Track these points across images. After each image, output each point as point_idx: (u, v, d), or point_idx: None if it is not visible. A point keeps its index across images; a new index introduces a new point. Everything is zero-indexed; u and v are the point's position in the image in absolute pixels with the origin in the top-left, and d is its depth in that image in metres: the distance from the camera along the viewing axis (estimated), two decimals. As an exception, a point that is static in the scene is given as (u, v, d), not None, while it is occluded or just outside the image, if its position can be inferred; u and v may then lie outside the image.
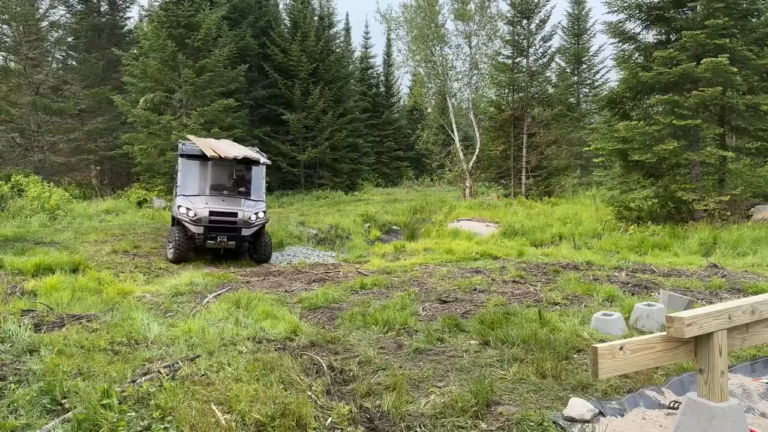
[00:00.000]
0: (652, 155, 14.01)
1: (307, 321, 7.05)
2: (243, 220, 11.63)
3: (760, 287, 7.91)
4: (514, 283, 8.79)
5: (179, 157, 12.24)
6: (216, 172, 12.55)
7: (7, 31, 25.55)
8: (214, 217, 11.48)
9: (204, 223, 11.39)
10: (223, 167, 12.63)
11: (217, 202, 11.86)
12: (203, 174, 12.36)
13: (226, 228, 11.55)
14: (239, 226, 11.64)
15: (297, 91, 30.90)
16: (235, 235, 11.65)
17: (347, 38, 45.08)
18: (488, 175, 29.04)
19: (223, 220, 11.53)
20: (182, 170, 12.10)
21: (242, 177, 12.81)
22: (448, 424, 3.92)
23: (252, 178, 12.78)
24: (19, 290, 8.14)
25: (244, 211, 11.73)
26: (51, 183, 19.90)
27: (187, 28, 23.56)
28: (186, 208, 11.48)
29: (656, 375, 4.74)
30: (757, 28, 14.59)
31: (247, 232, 11.72)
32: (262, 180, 12.87)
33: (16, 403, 4.08)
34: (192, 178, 12.19)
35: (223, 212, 11.59)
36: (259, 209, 12.01)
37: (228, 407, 3.99)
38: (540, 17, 26.53)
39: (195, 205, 11.53)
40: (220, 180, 12.64)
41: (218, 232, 11.51)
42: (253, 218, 11.74)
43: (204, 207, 11.53)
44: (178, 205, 11.57)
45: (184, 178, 12.06)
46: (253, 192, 12.65)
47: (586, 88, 35.02)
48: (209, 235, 11.47)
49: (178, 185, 11.98)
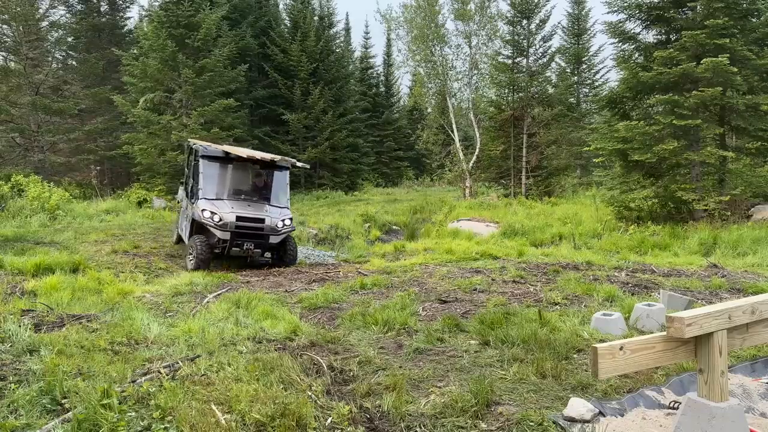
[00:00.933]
0: (652, 155, 14.01)
1: (307, 321, 7.04)
2: (270, 226, 11.02)
3: (760, 287, 7.91)
4: (514, 283, 8.79)
5: (200, 158, 11.41)
6: (238, 176, 11.94)
7: (7, 31, 25.55)
8: (241, 222, 10.76)
9: (230, 229, 10.67)
10: (245, 171, 12.06)
11: (243, 206, 11.16)
12: (225, 177, 11.72)
13: (252, 234, 10.89)
14: (266, 233, 11.01)
15: (297, 91, 30.91)
16: (261, 242, 11.01)
17: (347, 38, 45.10)
18: (488, 175, 29.04)
19: (250, 226, 10.85)
20: (203, 172, 11.29)
21: (264, 182, 12.18)
22: (448, 424, 3.92)
23: (275, 183, 12.16)
24: (19, 290, 8.14)
25: (271, 218, 11.13)
26: (51, 183, 19.90)
27: (187, 28, 23.56)
28: (210, 212, 10.73)
29: (656, 375, 4.73)
30: (757, 28, 14.59)
31: (274, 240, 11.11)
32: (287, 186, 12.22)
33: (16, 403, 4.08)
34: (213, 181, 11.47)
35: (250, 218, 10.91)
36: (285, 216, 11.40)
37: (228, 407, 3.99)
38: (540, 17, 26.55)
39: (220, 209, 10.81)
40: (242, 184, 11.99)
41: (244, 239, 10.83)
42: (279, 225, 11.15)
43: (230, 211, 10.81)
44: (202, 209, 10.78)
45: (205, 180, 11.26)
46: (277, 198, 12.00)
47: (586, 88, 35.01)
48: (235, 241, 10.76)
49: (200, 188, 11.17)
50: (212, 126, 23.72)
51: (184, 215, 12.32)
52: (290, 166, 12.17)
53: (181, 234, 12.44)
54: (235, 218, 10.70)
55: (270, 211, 11.34)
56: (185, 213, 12.18)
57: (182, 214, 12.56)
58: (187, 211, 11.89)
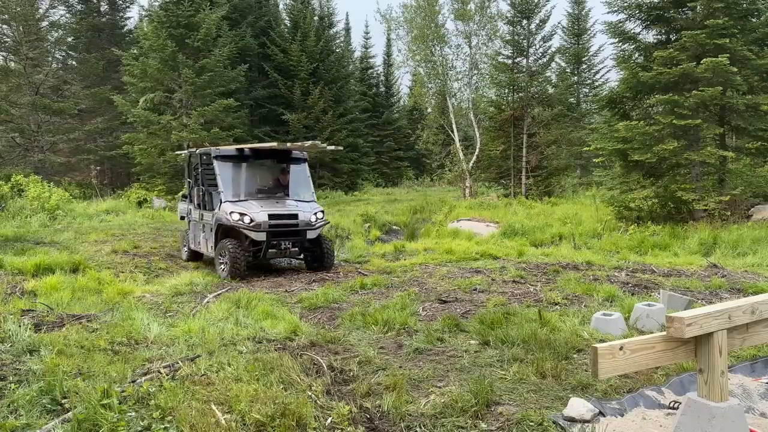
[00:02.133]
0: (652, 155, 14.00)
1: (307, 321, 7.05)
2: (305, 221, 10.30)
3: (760, 287, 7.91)
4: (514, 283, 8.79)
5: (214, 160, 10.62)
6: (256, 173, 11.37)
7: (7, 31, 25.57)
8: (274, 221, 10.04)
9: (264, 229, 9.92)
10: (263, 167, 11.45)
11: (271, 204, 10.43)
12: (243, 176, 11.09)
13: (288, 232, 10.19)
14: (302, 229, 10.27)
15: (297, 91, 30.92)
16: (299, 239, 10.33)
17: (347, 38, 45.12)
18: (488, 175, 29.04)
19: (285, 223, 10.16)
20: (220, 174, 10.48)
21: (284, 177, 11.54)
22: (448, 424, 3.92)
23: (296, 177, 11.54)
24: (19, 290, 8.14)
25: (304, 212, 10.42)
26: (51, 183, 19.90)
27: (187, 28, 23.56)
28: (239, 214, 9.92)
29: (656, 375, 4.73)
30: (757, 28, 14.59)
31: (311, 235, 10.40)
32: (308, 178, 11.61)
33: (16, 403, 4.08)
34: (233, 182, 10.79)
35: (283, 214, 10.22)
36: (316, 209, 10.70)
37: (228, 407, 3.99)
38: (540, 17, 26.54)
39: (249, 209, 10.03)
40: (263, 181, 11.43)
41: (281, 238, 10.14)
42: (313, 220, 10.42)
43: (260, 210, 10.02)
44: (230, 212, 9.98)
45: (224, 182, 10.46)
46: (301, 192, 11.34)
47: (586, 88, 35.02)
48: (271, 242, 10.06)
49: (221, 191, 10.32)
50: (212, 126, 23.72)
51: (197, 228, 11.40)
52: (307, 158, 11.61)
53: (197, 248, 11.58)
54: (268, 217, 9.98)
55: (300, 206, 10.69)
56: (198, 225, 11.32)
57: (194, 227, 11.63)
58: (201, 222, 11.11)
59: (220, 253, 10.12)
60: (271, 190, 11.28)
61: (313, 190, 11.53)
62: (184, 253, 12.17)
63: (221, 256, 10.08)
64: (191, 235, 11.76)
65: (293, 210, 10.42)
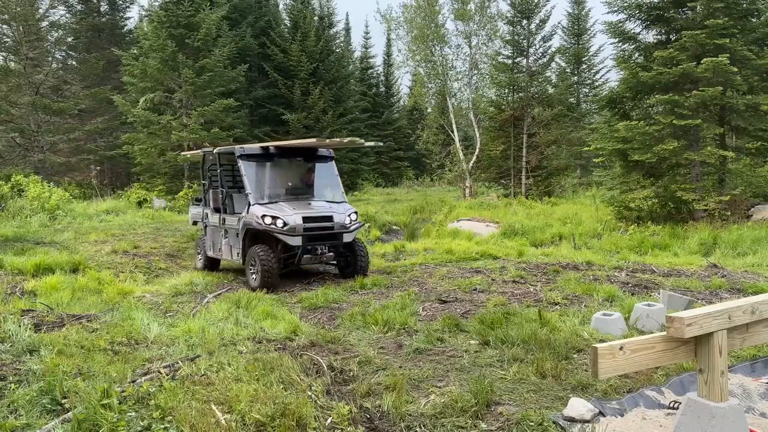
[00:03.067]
0: (652, 155, 14.00)
1: (307, 321, 7.05)
2: (340, 224, 9.57)
3: (760, 287, 7.91)
4: (514, 283, 8.79)
5: (239, 159, 9.88)
6: (283, 173, 10.62)
7: (7, 31, 25.56)
8: (309, 224, 9.28)
9: (300, 233, 9.15)
10: (290, 165, 10.74)
11: (303, 206, 9.69)
12: (270, 176, 10.36)
13: (324, 236, 9.46)
14: (338, 232, 9.53)
15: (297, 91, 30.91)
16: (336, 243, 9.60)
17: (347, 38, 45.12)
18: (488, 175, 29.03)
19: (320, 226, 9.41)
20: (246, 175, 9.76)
21: (312, 176, 10.86)
22: (448, 424, 3.92)
23: (324, 176, 10.85)
24: (19, 290, 8.14)
25: (338, 214, 9.69)
26: (51, 183, 19.89)
27: (187, 28, 23.56)
28: (272, 217, 9.15)
29: (656, 375, 4.74)
30: (757, 28, 14.59)
31: (347, 239, 9.66)
32: (336, 177, 10.96)
33: (16, 403, 4.08)
34: (260, 183, 10.06)
35: (317, 216, 9.47)
36: (350, 210, 9.99)
37: (228, 407, 3.99)
38: (540, 17, 26.53)
39: (281, 212, 9.25)
40: (291, 181, 10.68)
41: (317, 242, 9.41)
42: (348, 222, 9.70)
43: (293, 213, 9.25)
44: (261, 215, 9.21)
45: (251, 184, 9.74)
46: (331, 192, 10.69)
47: (586, 88, 35.00)
48: (307, 246, 9.31)
49: (249, 193, 9.60)
50: (212, 126, 23.72)
51: (217, 233, 10.60)
52: (334, 155, 10.96)
53: (216, 256, 10.80)
54: (302, 219, 9.23)
55: (333, 207, 10.01)
56: (218, 231, 10.52)
57: (212, 233, 10.83)
58: (223, 227, 10.32)
59: (251, 262, 9.32)
60: (299, 190, 10.54)
61: (342, 189, 10.88)
62: (198, 261, 11.41)
63: (252, 264, 9.30)
64: (209, 242, 10.95)
65: (327, 211, 9.70)
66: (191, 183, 22.83)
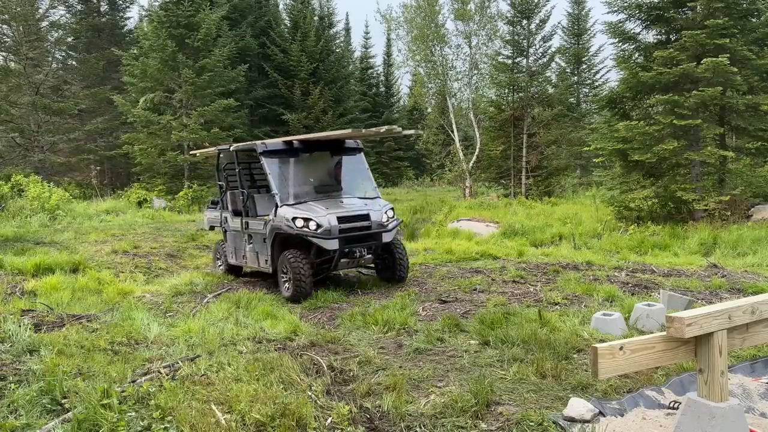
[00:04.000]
0: (652, 155, 14.00)
1: (307, 321, 7.05)
2: (377, 222, 8.63)
3: (760, 287, 7.91)
4: (514, 283, 8.79)
5: (262, 157, 8.97)
6: (309, 168, 9.67)
7: (7, 31, 25.58)
8: (345, 224, 8.34)
9: (335, 235, 8.19)
10: (316, 160, 9.78)
11: (335, 204, 8.78)
12: (296, 173, 9.49)
13: (361, 237, 8.52)
14: (377, 232, 8.60)
15: (297, 91, 30.92)
16: (374, 244, 8.65)
17: (347, 38, 45.13)
18: (488, 175, 29.03)
19: (357, 226, 8.48)
20: (271, 173, 8.85)
21: (341, 171, 9.99)
22: (448, 424, 3.92)
23: (353, 168, 9.95)
24: (19, 290, 8.15)
25: (374, 211, 8.76)
26: (51, 183, 19.90)
27: (187, 28, 23.57)
28: (303, 219, 8.22)
29: (656, 375, 4.74)
30: (757, 28, 14.58)
31: (387, 238, 8.73)
32: (367, 170, 10.02)
33: (16, 403, 4.09)
34: (286, 181, 9.21)
35: (352, 216, 8.52)
36: (385, 206, 9.06)
37: (228, 407, 3.99)
38: (540, 17, 26.53)
39: (312, 212, 8.32)
40: (318, 177, 9.66)
41: (354, 244, 8.45)
42: (385, 219, 8.79)
43: (326, 213, 8.30)
44: (292, 217, 8.27)
45: (276, 182, 8.82)
46: (362, 187, 9.77)
47: (586, 88, 34.99)
48: (344, 249, 8.34)
49: (276, 193, 8.65)
50: (212, 126, 23.73)
51: (239, 238, 9.75)
52: (363, 147, 10.06)
53: (239, 263, 9.99)
54: (337, 220, 8.29)
55: (367, 203, 9.07)
56: (241, 235, 9.64)
57: (234, 238, 9.98)
58: (246, 231, 9.44)
59: (282, 269, 8.44)
60: (328, 187, 9.56)
61: (374, 185, 9.84)
62: (218, 269, 10.59)
63: (284, 272, 8.41)
64: (230, 248, 10.11)
65: (363, 209, 8.74)
66: (191, 183, 22.85)
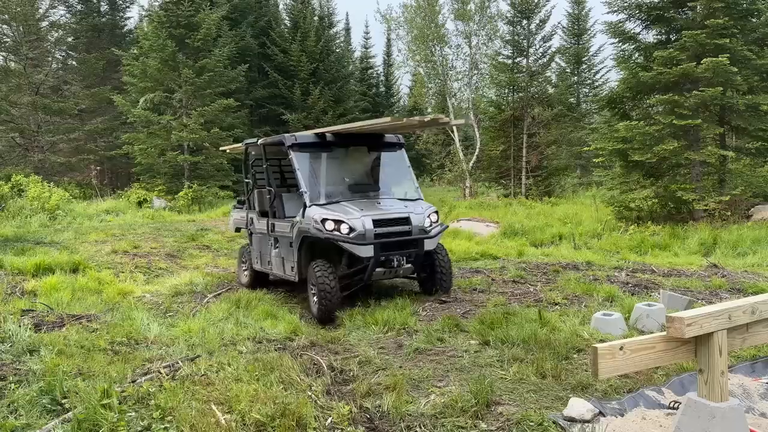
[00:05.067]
0: (652, 155, 14.00)
1: (307, 321, 7.05)
2: (419, 227, 7.56)
3: (760, 287, 7.91)
4: (514, 283, 8.79)
5: (290, 150, 7.97)
6: (343, 164, 8.61)
7: (7, 31, 25.60)
8: (382, 228, 7.29)
9: (370, 241, 7.15)
10: (352, 156, 8.71)
11: (371, 206, 7.74)
12: (329, 169, 8.40)
13: (400, 243, 7.44)
14: (417, 238, 7.51)
15: (297, 91, 30.92)
16: (415, 252, 7.54)
17: (347, 38, 45.12)
18: (488, 175, 29.05)
19: (395, 231, 7.41)
20: (300, 169, 7.86)
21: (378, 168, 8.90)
22: (448, 424, 3.92)
23: (392, 166, 8.89)
24: (19, 290, 8.14)
25: (416, 214, 7.67)
26: (51, 183, 19.92)
27: (187, 28, 23.58)
28: (334, 222, 7.16)
29: (656, 375, 4.74)
30: (757, 28, 14.59)
31: (429, 246, 7.66)
32: (409, 168, 8.84)
33: (16, 403, 4.09)
34: (316, 178, 8.17)
35: (390, 219, 7.46)
36: (429, 209, 7.96)
37: (228, 407, 3.99)
38: (540, 17, 26.56)
39: (345, 214, 7.28)
40: (353, 174, 8.66)
41: (392, 252, 7.38)
42: (428, 224, 7.70)
43: (360, 215, 7.27)
44: (321, 219, 7.20)
45: (306, 180, 7.82)
46: (402, 185, 8.78)
47: (586, 88, 35.02)
48: (380, 257, 7.25)
49: (304, 191, 7.63)
50: (212, 126, 23.74)
51: (265, 242, 8.71)
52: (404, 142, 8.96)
53: (265, 269, 8.89)
54: (373, 223, 7.24)
55: (407, 205, 8.01)
56: (267, 239, 8.61)
57: (259, 242, 8.94)
58: (272, 235, 8.41)
59: (311, 281, 7.32)
60: (364, 186, 8.58)
61: (417, 185, 8.74)
62: (243, 276, 9.50)
63: (312, 284, 7.28)
64: (255, 253, 9.08)
65: (402, 212, 7.69)
66: (191, 183, 22.85)
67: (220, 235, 14.81)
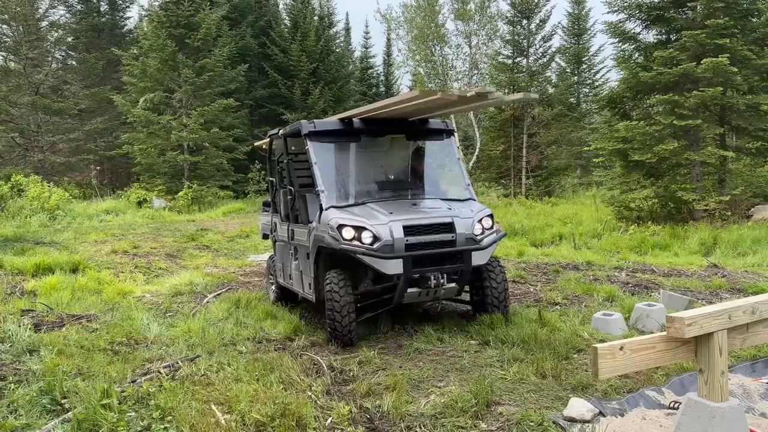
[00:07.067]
0: (653, 155, 14.00)
1: (307, 321, 7.05)
2: (465, 235, 5.96)
3: (760, 287, 7.91)
4: (514, 283, 8.79)
5: (307, 140, 6.50)
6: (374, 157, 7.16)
7: (7, 31, 25.61)
8: (415, 237, 5.77)
9: (399, 253, 5.67)
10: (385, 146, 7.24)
11: (404, 208, 6.25)
12: (354, 163, 6.94)
13: (439, 256, 5.86)
14: (464, 250, 5.91)
15: (297, 91, 30.92)
16: (461, 267, 5.95)
17: (347, 38, 45.06)
18: (488, 175, 29.05)
19: (433, 240, 5.84)
20: (317, 162, 6.38)
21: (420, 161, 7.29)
22: (448, 424, 3.92)
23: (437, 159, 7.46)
24: (19, 290, 8.14)
25: (462, 219, 6.05)
26: (51, 183, 19.93)
27: (187, 28, 23.58)
28: (353, 228, 5.75)
29: (656, 375, 4.73)
30: (757, 28, 14.58)
31: (479, 260, 6.00)
32: (459, 159, 7.32)
33: (16, 403, 4.09)
34: (339, 175, 6.75)
35: (427, 225, 5.90)
36: (481, 212, 6.31)
37: (228, 407, 3.99)
38: (540, 17, 26.55)
39: (369, 219, 5.83)
40: (386, 169, 7.25)
41: (427, 267, 5.80)
42: (478, 231, 6.09)
43: (388, 220, 5.79)
44: (337, 225, 5.80)
45: (325, 177, 6.37)
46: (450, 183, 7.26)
47: (586, 88, 35.00)
48: (411, 274, 5.71)
49: (320, 190, 6.21)
50: (212, 126, 23.75)
51: (286, 252, 7.32)
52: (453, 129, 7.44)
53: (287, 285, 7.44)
54: (403, 230, 5.74)
55: (453, 207, 6.32)
56: (287, 248, 7.27)
57: (281, 251, 7.60)
58: (292, 243, 7.00)
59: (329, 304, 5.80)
60: (401, 184, 7.15)
61: (468, 180, 7.07)
62: (270, 292, 8.11)
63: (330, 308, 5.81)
64: (278, 264, 7.74)
65: (444, 215, 6.09)
66: (191, 183, 22.86)
67: (220, 235, 14.82)
